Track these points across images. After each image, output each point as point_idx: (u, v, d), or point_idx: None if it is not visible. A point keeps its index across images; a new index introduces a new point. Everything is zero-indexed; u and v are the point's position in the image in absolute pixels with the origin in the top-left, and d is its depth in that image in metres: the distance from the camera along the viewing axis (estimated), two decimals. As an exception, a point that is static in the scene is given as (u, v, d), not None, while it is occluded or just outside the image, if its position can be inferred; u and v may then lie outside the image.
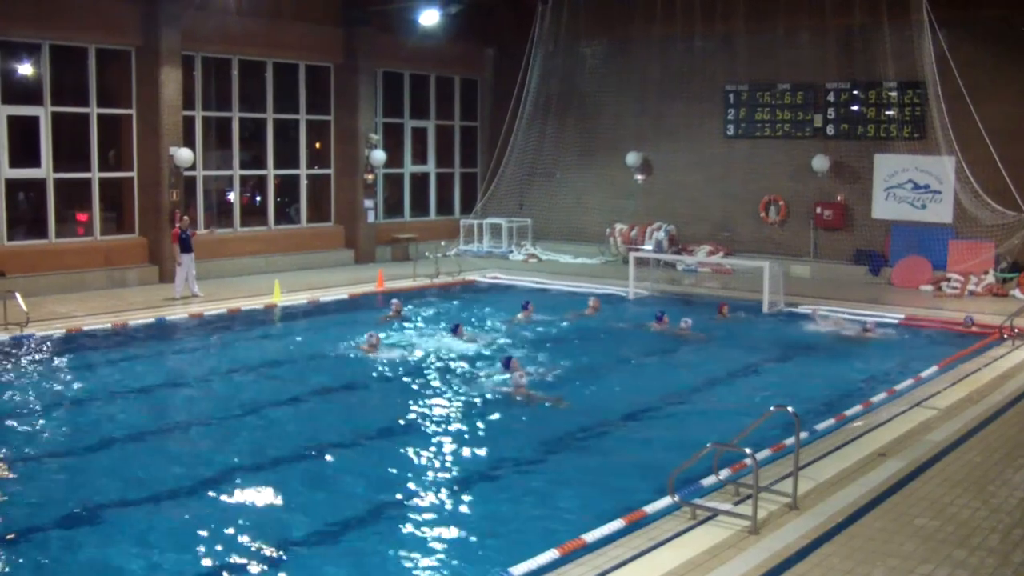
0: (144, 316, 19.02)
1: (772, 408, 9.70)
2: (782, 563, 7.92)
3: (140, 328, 18.32)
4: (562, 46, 29.17)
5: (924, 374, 14.88)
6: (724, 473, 9.77)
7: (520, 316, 19.57)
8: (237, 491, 10.09)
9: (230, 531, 8.96)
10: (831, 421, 12.17)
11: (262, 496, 9.97)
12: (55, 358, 16.01)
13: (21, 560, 8.41)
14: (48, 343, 16.86)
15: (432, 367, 15.61)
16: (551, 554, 7.96)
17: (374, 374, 15.30)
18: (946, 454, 10.84)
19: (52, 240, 22.25)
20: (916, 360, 16.02)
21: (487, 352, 16.63)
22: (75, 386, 14.43)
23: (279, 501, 9.87)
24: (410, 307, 20.61)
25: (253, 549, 8.61)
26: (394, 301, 19.95)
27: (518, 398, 13.61)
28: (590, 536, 8.35)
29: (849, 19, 24.54)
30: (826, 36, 25.57)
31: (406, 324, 19.08)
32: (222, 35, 24.66)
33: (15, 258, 21.27)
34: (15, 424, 12.47)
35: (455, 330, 17.72)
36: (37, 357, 15.98)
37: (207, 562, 8.37)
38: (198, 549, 8.59)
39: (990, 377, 14.76)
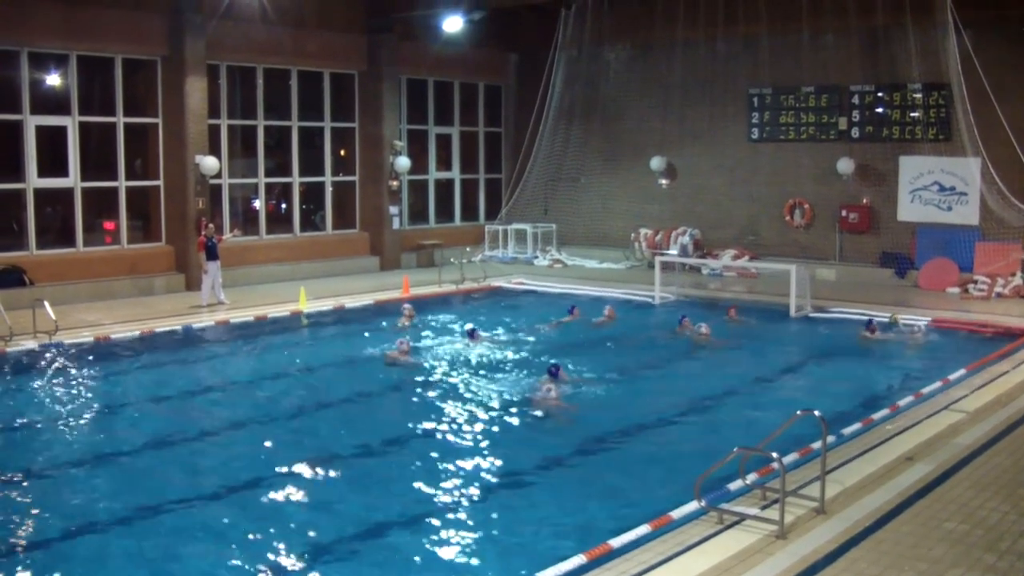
0: (171, 324, 19.17)
1: (798, 412, 9.66)
2: (809, 568, 7.89)
3: (167, 336, 18.47)
4: (585, 51, 29.16)
5: (952, 377, 14.77)
6: (751, 477, 9.73)
7: (566, 319, 19.75)
8: (263, 496, 10.14)
9: (257, 534, 9.02)
10: (858, 425, 12.11)
11: (290, 500, 10.03)
12: (84, 366, 16.14)
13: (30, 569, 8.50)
14: (77, 351, 16.99)
15: (451, 373, 15.63)
16: (578, 559, 7.97)
17: (400, 380, 15.32)
18: (974, 457, 10.76)
19: (80, 249, 22.47)
20: (943, 363, 15.91)
21: (507, 357, 16.64)
22: (105, 393, 14.58)
23: (309, 504, 9.93)
24: (433, 313, 20.67)
25: (280, 552, 8.66)
26: (406, 307, 19.97)
27: (543, 407, 13.55)
28: (617, 541, 8.35)
29: (873, 21, 24.39)
30: (850, 38, 25.45)
31: (426, 329, 19.10)
32: (247, 44, 24.84)
33: (43, 267, 21.50)
34: (40, 431, 12.61)
35: (472, 335, 17.76)
36: (66, 365, 16.11)
37: (232, 564, 8.45)
38: (224, 553, 8.66)
39: (1018, 380, 14.62)
